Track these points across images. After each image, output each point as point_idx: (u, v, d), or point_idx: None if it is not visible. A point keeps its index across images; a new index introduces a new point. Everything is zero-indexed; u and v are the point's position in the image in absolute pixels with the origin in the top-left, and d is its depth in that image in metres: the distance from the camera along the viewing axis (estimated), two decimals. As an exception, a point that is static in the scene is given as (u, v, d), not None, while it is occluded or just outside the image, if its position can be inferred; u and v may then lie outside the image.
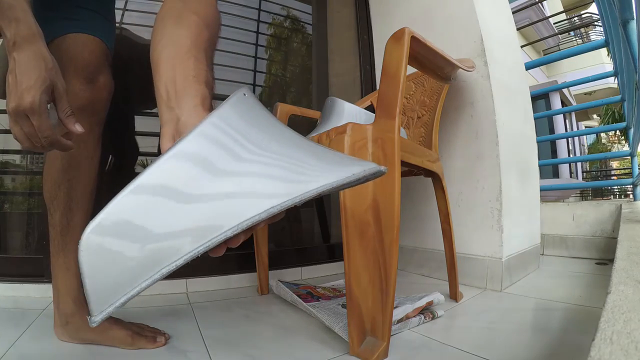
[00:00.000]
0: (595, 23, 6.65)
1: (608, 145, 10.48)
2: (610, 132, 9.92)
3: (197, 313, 0.81)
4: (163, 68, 0.35)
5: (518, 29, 1.45)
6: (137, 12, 1.10)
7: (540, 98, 6.03)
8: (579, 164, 7.20)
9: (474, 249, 1.03)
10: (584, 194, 7.28)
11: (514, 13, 1.36)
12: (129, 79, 0.99)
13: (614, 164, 10.55)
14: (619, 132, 7.56)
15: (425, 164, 0.78)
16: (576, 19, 9.51)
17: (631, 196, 2.19)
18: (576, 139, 7.53)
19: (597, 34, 9.08)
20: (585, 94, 8.76)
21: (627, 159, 2.90)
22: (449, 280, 0.90)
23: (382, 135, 0.60)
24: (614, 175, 8.82)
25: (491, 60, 1.03)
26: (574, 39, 9.78)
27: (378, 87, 0.69)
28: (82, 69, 0.59)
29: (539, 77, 8.15)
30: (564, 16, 9.71)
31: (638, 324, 0.27)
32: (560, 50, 6.94)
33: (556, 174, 6.16)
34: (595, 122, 10.78)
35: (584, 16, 9.07)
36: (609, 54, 2.08)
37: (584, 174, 8.04)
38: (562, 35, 9.70)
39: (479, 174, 1.03)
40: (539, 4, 7.37)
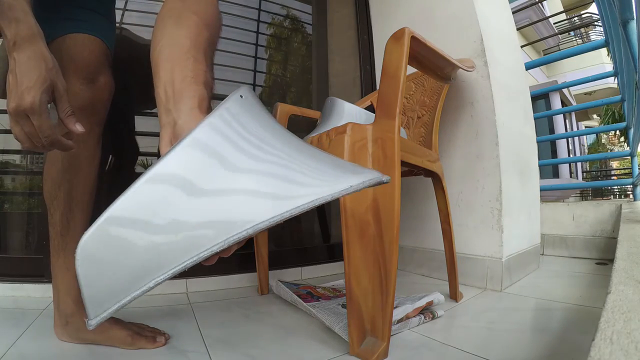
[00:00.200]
0: (595, 23, 6.64)
1: (609, 146, 10.48)
2: (610, 132, 9.91)
3: (197, 313, 0.81)
4: (162, 69, 0.35)
5: (518, 29, 1.45)
6: (137, 12, 1.10)
7: (540, 98, 6.03)
8: (579, 164, 7.20)
9: (474, 249, 1.03)
10: (584, 194, 7.28)
11: (514, 13, 1.36)
12: (129, 79, 0.98)
13: (614, 164, 10.55)
14: (619, 133, 7.57)
15: (425, 164, 0.78)
16: (576, 19, 9.51)
17: (631, 196, 2.18)
18: (576, 139, 7.52)
19: (597, 34, 9.08)
20: (585, 94, 8.76)
21: (627, 159, 2.90)
22: (449, 280, 0.90)
23: (382, 135, 0.60)
24: (614, 175, 8.82)
25: (491, 60, 1.03)
26: (574, 39, 9.77)
27: (378, 87, 0.69)
28: (83, 69, 0.59)
29: (539, 77, 8.15)
30: (564, 16, 9.70)
31: (638, 324, 0.27)
32: (560, 50, 6.93)
33: (556, 174, 6.16)
34: (595, 122, 10.77)
35: (584, 16, 9.06)
36: (609, 54, 2.08)
37: (584, 174, 8.04)
38: (562, 35, 9.69)
39: (479, 173, 1.03)
40: (539, 4, 7.36)
